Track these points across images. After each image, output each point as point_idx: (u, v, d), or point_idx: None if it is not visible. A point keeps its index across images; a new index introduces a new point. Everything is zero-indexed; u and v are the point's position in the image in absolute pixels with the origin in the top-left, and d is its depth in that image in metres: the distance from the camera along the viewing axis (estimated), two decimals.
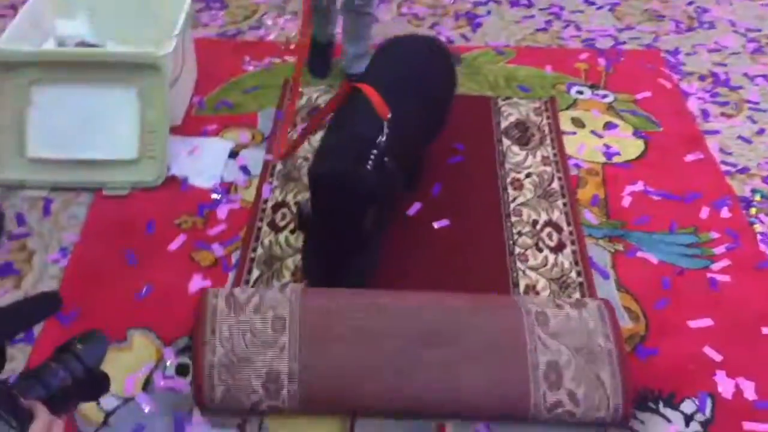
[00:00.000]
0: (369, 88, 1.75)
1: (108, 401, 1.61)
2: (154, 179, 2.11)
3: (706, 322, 1.81)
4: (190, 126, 2.34)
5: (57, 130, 2.13)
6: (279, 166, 2.20)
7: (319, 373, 1.47)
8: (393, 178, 1.71)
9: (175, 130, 2.25)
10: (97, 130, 2.13)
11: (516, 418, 1.52)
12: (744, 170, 2.27)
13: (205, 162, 2.20)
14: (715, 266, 1.96)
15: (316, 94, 2.50)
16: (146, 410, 1.60)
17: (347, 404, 1.52)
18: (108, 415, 1.59)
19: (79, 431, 1.55)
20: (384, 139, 1.66)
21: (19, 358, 1.68)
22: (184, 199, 2.10)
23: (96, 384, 1.13)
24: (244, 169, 2.20)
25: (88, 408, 1.59)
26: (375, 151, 1.64)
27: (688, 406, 1.64)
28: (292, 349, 1.47)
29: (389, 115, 1.70)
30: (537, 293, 1.86)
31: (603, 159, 2.29)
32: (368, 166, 1.62)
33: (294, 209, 2.03)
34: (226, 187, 2.14)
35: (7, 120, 2.12)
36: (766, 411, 1.63)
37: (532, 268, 1.93)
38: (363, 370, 1.48)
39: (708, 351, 1.75)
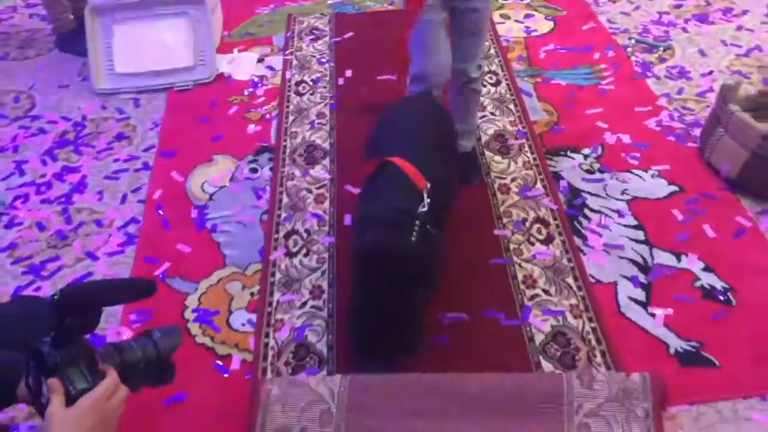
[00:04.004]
0: (401, 160, 1.72)
1: (208, 188, 2.45)
2: (209, 76, 2.97)
3: (598, 110, 2.69)
4: (225, 48, 3.20)
5: (135, 53, 2.98)
6: (295, 62, 3.08)
7: None
8: (438, 247, 1.70)
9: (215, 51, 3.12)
10: (163, 49, 2.99)
11: None
12: (625, 30, 3.18)
13: (242, 65, 3.07)
14: (604, 82, 2.85)
15: None
16: (234, 189, 2.44)
17: None
18: (211, 195, 2.43)
19: (194, 205, 2.39)
20: (426, 209, 1.64)
21: (143, 178, 2.53)
22: (232, 88, 2.95)
23: (163, 371, 1.31)
24: (270, 68, 3.07)
25: (196, 190, 2.43)
26: (418, 222, 1.60)
27: (586, 151, 2.51)
28: None
29: (428, 185, 1.69)
30: (483, 108, 2.72)
31: (524, 35, 3.19)
32: (413, 238, 1.57)
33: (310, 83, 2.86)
34: (261, 78, 3.00)
35: (100, 50, 2.97)
36: (636, 147, 2.50)
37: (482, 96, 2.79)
38: None
39: (599, 124, 2.62)
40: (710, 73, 2.86)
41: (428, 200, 1.65)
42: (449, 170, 1.90)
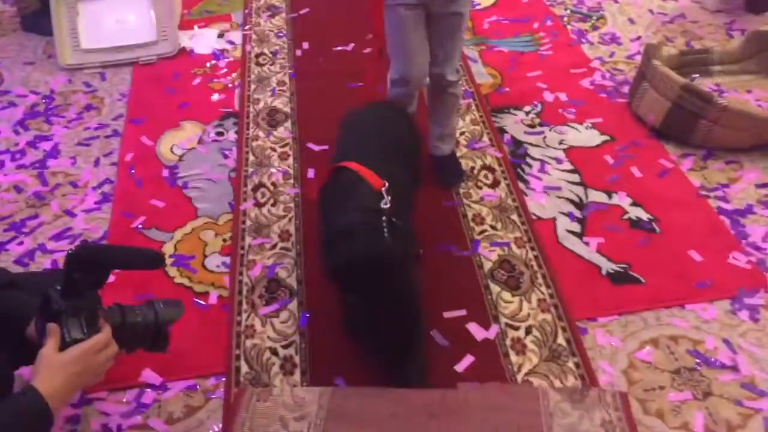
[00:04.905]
0: (355, 164, 1.78)
1: (177, 150, 2.60)
2: (171, 50, 3.12)
3: (538, 72, 2.92)
4: (186, 25, 3.35)
5: (99, 29, 3.11)
6: (254, 36, 3.25)
7: None
8: (408, 235, 1.76)
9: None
10: (127, 25, 3.12)
11: None
12: (561, 3, 3.43)
13: (203, 40, 3.23)
14: (543, 49, 3.09)
15: None
16: (202, 150, 2.60)
17: None
18: (180, 156, 2.58)
19: (165, 166, 2.54)
20: (388, 205, 1.69)
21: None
22: (194, 61, 3.10)
23: (158, 338, 1.39)
24: (230, 42, 3.23)
25: (166, 152, 2.59)
26: (384, 218, 1.66)
27: (527, 108, 2.74)
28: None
29: (386, 184, 1.73)
30: None
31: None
32: (385, 234, 1.63)
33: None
34: (221, 52, 3.16)
35: (65, 27, 3.09)
36: (572, 104, 2.73)
37: None
38: None
39: (539, 84, 2.85)
40: (638, 38, 3.12)
41: (389, 198, 1.70)
42: (406, 171, 1.93)
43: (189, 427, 1.73)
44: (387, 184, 1.72)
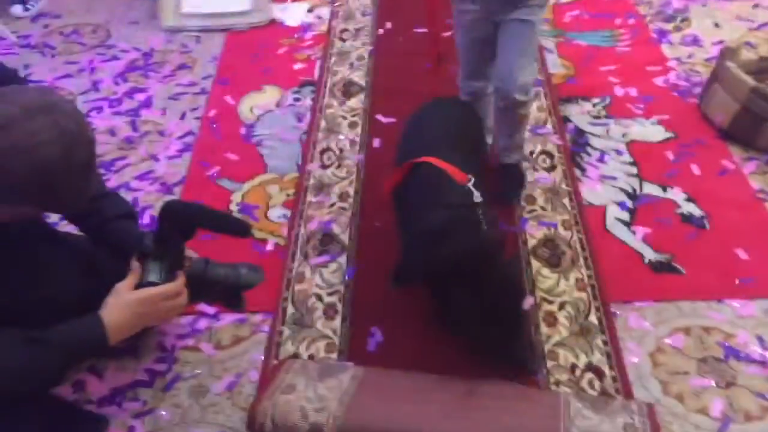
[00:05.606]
0: (437, 160, 1.76)
1: (256, 111, 2.78)
2: (263, 20, 3.31)
3: (612, 67, 2.95)
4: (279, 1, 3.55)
5: None
6: (341, 13, 3.41)
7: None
8: (498, 223, 1.83)
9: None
10: None
11: None
12: (647, 2, 3.43)
13: (293, 13, 3.41)
14: (621, 45, 3.10)
15: None
16: (279, 113, 2.77)
17: None
18: (258, 117, 2.76)
19: (243, 124, 2.72)
20: (481, 199, 1.71)
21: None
22: (283, 32, 3.29)
23: (234, 298, 1.50)
24: (318, 17, 3.40)
25: (246, 112, 2.77)
26: (480, 211, 1.68)
27: (595, 100, 2.78)
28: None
29: (471, 179, 1.74)
30: None
31: (553, 0, 3.46)
32: (484, 226, 1.66)
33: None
34: (309, 25, 3.33)
35: None
36: (641, 99, 2.75)
37: None
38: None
39: (611, 79, 2.88)
40: (721, 42, 3.08)
41: (478, 192, 1.71)
42: (481, 163, 1.95)
43: (234, 354, 1.89)
44: (472, 178, 1.74)
